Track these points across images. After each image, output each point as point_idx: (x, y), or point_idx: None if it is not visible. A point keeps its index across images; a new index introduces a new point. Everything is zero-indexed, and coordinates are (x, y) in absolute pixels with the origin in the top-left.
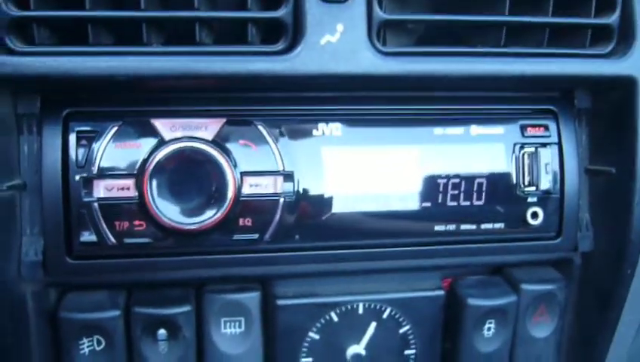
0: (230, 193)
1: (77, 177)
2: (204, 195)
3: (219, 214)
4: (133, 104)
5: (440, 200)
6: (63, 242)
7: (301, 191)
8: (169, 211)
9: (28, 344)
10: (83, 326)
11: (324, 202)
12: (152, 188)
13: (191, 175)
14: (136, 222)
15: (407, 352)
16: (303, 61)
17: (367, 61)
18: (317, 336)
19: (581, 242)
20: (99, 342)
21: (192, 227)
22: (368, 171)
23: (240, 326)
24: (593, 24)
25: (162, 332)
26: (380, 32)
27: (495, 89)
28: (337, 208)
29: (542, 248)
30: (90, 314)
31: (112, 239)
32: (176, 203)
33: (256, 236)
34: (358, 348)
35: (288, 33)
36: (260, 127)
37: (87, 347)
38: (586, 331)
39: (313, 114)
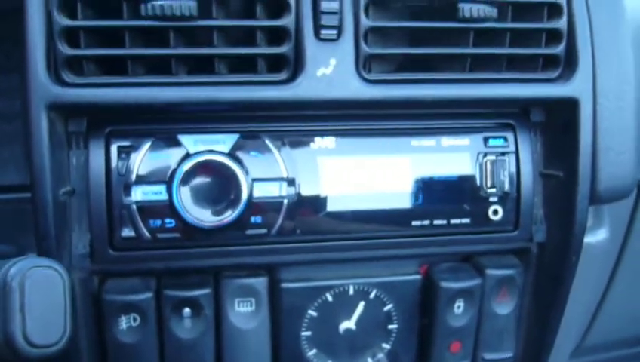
0: (244, 196)
1: (118, 184)
2: (222, 198)
3: (234, 214)
4: (163, 123)
5: (417, 200)
6: (106, 237)
7: (302, 193)
8: (194, 211)
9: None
10: (122, 306)
11: (320, 202)
12: (180, 193)
13: (212, 181)
14: (167, 221)
15: (390, 327)
16: (303, 89)
17: (355, 88)
18: (315, 314)
19: (536, 234)
20: (134, 319)
21: (213, 224)
22: (357, 177)
23: (251, 306)
24: (543, 54)
25: (187, 310)
26: (365, 64)
27: (462, 107)
28: (331, 207)
29: (503, 239)
30: (128, 296)
31: (147, 234)
32: (200, 204)
33: (264, 231)
34: (349, 324)
35: (290, 65)
36: (267, 141)
37: (125, 323)
38: (541, 309)
39: (310, 129)
